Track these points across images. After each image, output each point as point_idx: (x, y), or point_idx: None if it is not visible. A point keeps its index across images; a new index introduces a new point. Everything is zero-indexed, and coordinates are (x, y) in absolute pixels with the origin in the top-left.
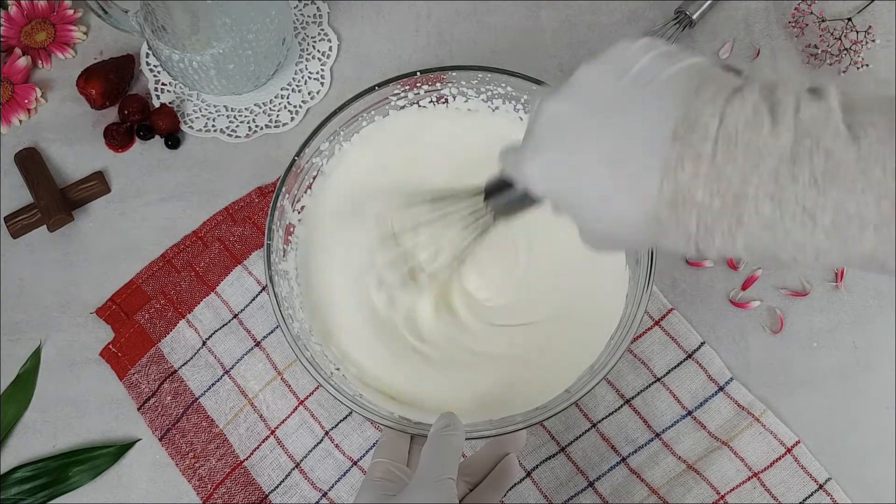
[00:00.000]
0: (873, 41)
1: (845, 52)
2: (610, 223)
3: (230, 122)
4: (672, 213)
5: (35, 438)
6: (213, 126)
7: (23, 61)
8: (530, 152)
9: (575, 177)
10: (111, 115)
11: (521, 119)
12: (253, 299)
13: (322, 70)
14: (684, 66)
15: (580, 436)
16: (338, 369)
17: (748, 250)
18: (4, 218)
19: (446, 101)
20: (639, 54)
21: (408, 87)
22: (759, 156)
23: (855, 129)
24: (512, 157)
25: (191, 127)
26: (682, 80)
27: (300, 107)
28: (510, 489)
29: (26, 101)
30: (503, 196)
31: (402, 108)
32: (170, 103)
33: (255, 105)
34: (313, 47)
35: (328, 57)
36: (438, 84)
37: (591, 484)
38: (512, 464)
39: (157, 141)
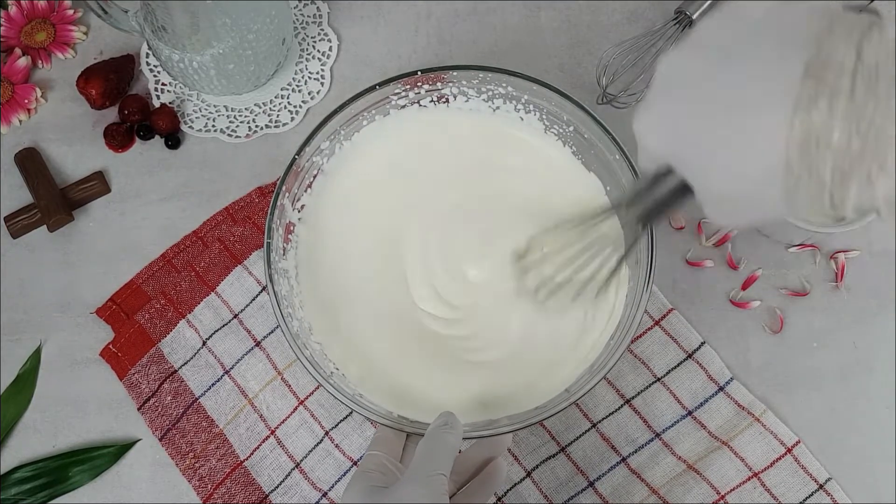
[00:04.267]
0: None
1: None
2: (735, 179)
3: (230, 122)
4: (804, 159)
5: (35, 438)
6: (213, 126)
7: (23, 61)
8: (645, 106)
9: (695, 127)
10: (111, 115)
11: (522, 119)
12: (253, 299)
13: (322, 70)
14: (810, 6)
15: (580, 436)
16: (337, 369)
17: (888, 202)
18: (4, 218)
19: (447, 100)
20: (759, 2)
21: (408, 87)
22: None
23: None
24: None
25: (191, 127)
26: (811, 20)
27: (300, 107)
28: (510, 489)
29: (26, 101)
30: (647, 197)
31: (403, 107)
32: (170, 103)
33: (255, 105)
34: (313, 47)
35: (328, 57)
36: (439, 84)
37: (591, 484)
38: (499, 467)
39: (157, 141)
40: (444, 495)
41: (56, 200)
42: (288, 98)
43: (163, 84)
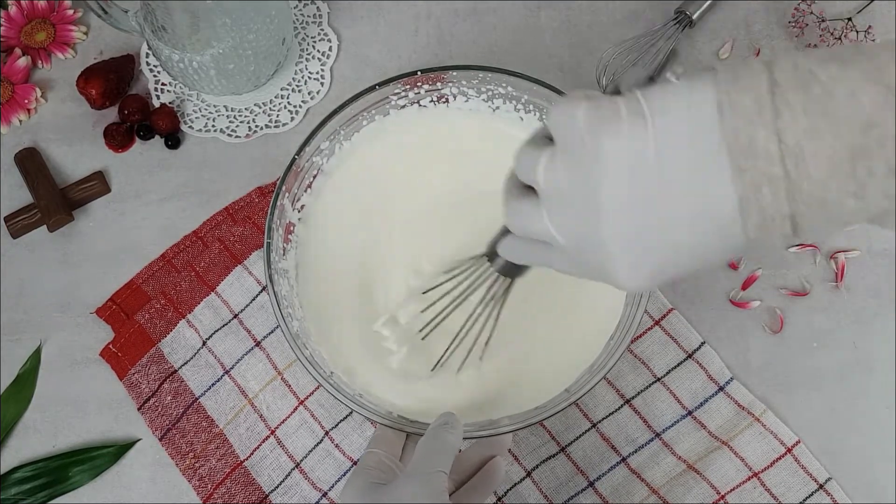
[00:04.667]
0: (873, 41)
1: None
2: (699, 266)
3: (230, 122)
4: (764, 233)
5: (35, 438)
6: (213, 126)
7: (23, 61)
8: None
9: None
10: (111, 115)
11: (522, 119)
12: (253, 299)
13: (322, 70)
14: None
15: (580, 436)
16: (333, 371)
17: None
18: (4, 218)
19: (447, 100)
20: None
21: (408, 87)
22: (830, 161)
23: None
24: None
25: (191, 127)
26: (699, 111)
27: (300, 107)
28: (510, 489)
29: (26, 101)
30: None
31: (403, 107)
32: (170, 103)
33: (255, 105)
34: (313, 47)
35: (328, 57)
36: (439, 84)
37: (591, 484)
38: (498, 467)
39: (157, 141)
40: (443, 493)
41: (56, 200)
42: (288, 98)
43: (163, 84)
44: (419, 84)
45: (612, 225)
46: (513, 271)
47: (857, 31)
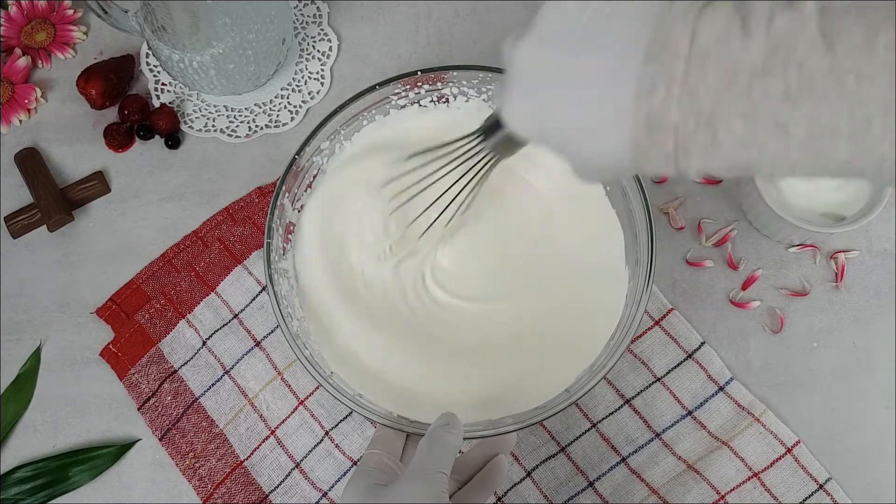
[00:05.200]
0: None
1: None
2: (595, 155)
3: (230, 122)
4: (649, 137)
5: (35, 438)
6: (213, 126)
7: (23, 61)
8: (507, 99)
9: (554, 117)
10: (111, 115)
11: None
12: (253, 299)
13: (322, 70)
14: None
15: (580, 436)
16: (333, 371)
17: (727, 169)
18: (4, 218)
19: (447, 100)
20: None
21: (408, 87)
22: (730, 72)
23: (829, 36)
24: (498, 99)
25: (191, 127)
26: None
27: (300, 107)
28: (510, 489)
29: (26, 101)
30: (500, 133)
31: (403, 107)
32: (170, 103)
33: (255, 105)
34: (313, 47)
35: (328, 57)
36: (439, 83)
37: (591, 484)
38: (501, 464)
39: (157, 141)
40: (444, 494)
41: (56, 200)
42: (288, 98)
43: (163, 84)
44: (419, 84)
45: (523, 57)
46: (504, 149)
47: None
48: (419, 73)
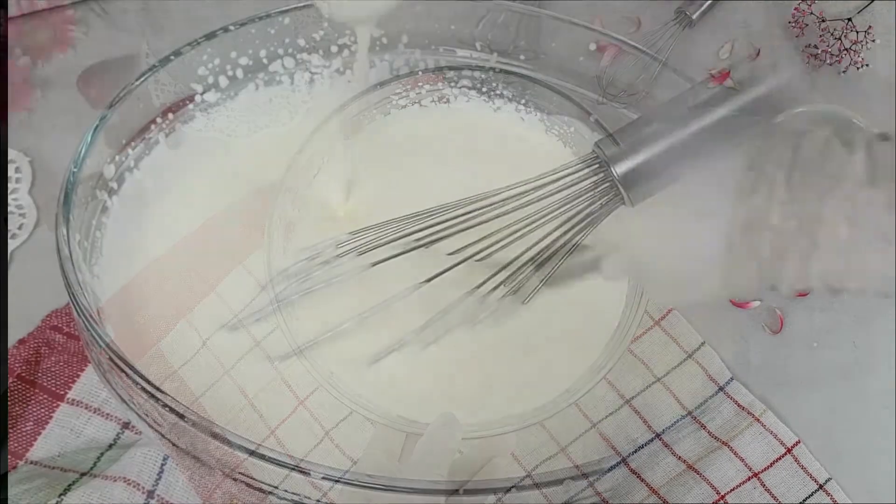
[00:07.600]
0: (873, 41)
1: (845, 52)
2: (681, 260)
3: (230, 121)
4: (746, 238)
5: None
6: (213, 125)
7: (23, 61)
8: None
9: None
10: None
11: (523, 119)
12: (253, 299)
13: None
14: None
15: (580, 436)
16: (332, 372)
17: (821, 277)
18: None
19: (448, 100)
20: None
21: (409, 87)
22: (835, 181)
23: None
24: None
25: (191, 126)
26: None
27: (300, 107)
28: (509, 489)
29: (26, 101)
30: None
31: (404, 107)
32: (170, 103)
33: (255, 105)
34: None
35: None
36: (440, 84)
37: (591, 484)
38: (497, 467)
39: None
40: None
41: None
42: (288, 98)
43: (163, 84)
44: (420, 84)
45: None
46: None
47: (857, 32)
48: (420, 72)
